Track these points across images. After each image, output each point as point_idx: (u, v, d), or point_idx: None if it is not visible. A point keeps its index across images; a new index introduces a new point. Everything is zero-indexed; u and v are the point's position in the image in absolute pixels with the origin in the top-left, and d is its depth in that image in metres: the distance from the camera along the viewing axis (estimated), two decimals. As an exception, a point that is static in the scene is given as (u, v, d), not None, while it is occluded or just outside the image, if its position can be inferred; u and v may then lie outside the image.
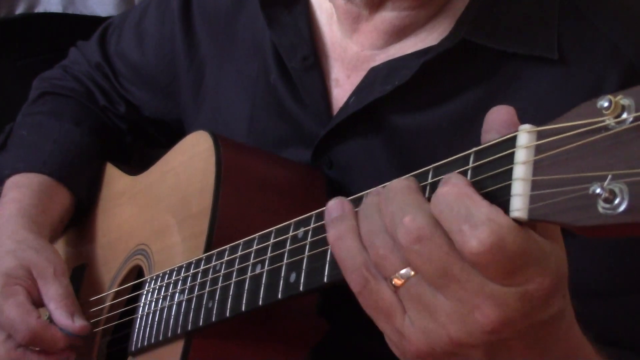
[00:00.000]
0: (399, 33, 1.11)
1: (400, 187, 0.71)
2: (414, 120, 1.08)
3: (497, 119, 0.70)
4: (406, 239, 0.68)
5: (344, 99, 1.14)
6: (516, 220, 0.65)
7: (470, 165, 0.70)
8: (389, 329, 0.72)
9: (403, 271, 0.70)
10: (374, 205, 0.72)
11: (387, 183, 0.73)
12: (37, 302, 1.21)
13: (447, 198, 0.67)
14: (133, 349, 1.14)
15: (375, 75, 1.11)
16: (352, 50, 1.15)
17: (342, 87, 1.16)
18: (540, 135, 0.65)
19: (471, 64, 1.06)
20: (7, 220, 1.30)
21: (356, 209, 0.75)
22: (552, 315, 0.69)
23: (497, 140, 0.68)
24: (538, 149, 0.65)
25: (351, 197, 0.79)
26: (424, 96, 1.08)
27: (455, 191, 0.67)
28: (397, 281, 0.70)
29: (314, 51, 1.17)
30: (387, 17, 1.10)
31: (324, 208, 0.84)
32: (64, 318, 1.18)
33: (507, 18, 1.05)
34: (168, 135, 1.45)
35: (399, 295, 0.71)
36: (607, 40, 1.02)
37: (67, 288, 1.21)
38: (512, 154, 0.66)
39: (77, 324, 1.18)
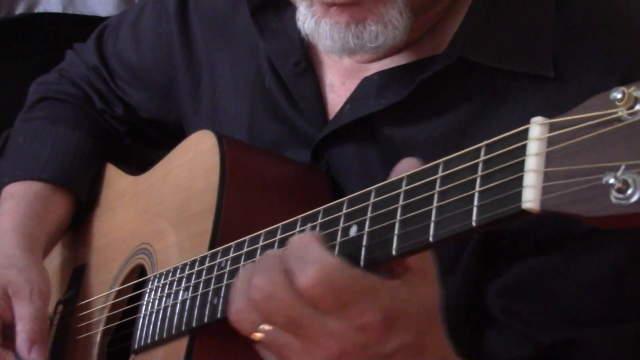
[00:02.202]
0: (391, 48, 1.11)
1: (267, 254, 0.82)
2: (407, 131, 1.09)
3: (405, 170, 0.78)
4: (256, 297, 0.77)
5: (340, 104, 1.14)
6: (529, 211, 0.66)
7: (482, 158, 0.70)
8: None
9: (260, 326, 0.79)
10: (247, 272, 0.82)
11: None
12: (10, 323, 1.19)
13: (290, 245, 0.78)
14: (136, 347, 1.13)
15: (369, 87, 1.11)
16: (346, 60, 1.16)
17: (337, 93, 1.16)
18: (552, 127, 0.66)
19: (466, 80, 1.06)
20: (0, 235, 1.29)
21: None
22: (394, 349, 0.77)
23: (509, 133, 0.68)
24: (550, 141, 0.65)
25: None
26: (417, 110, 1.08)
27: (297, 239, 0.78)
28: (256, 335, 0.80)
29: (306, 56, 1.17)
30: None
31: (331, 204, 0.86)
32: (22, 345, 1.17)
33: (502, 35, 1.05)
34: (167, 136, 1.44)
35: (262, 345, 0.81)
36: (601, 55, 1.02)
37: (39, 310, 1.19)
38: (524, 146, 0.67)
39: (31, 355, 1.16)
